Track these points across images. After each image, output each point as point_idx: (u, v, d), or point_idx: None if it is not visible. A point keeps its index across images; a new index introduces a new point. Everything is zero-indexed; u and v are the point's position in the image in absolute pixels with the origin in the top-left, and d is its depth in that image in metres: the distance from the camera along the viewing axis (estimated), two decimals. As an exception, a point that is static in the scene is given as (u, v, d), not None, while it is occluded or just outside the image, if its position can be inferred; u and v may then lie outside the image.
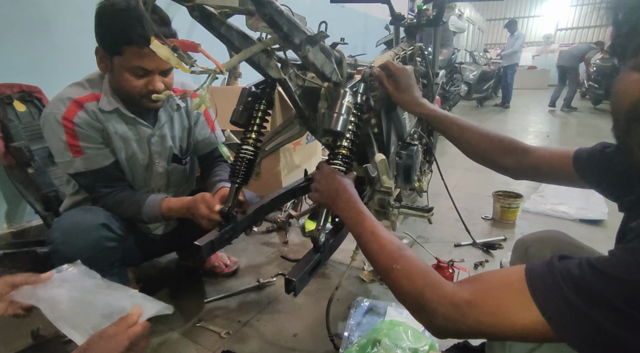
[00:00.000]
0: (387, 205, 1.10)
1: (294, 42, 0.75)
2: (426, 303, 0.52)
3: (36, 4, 1.62)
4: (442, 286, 0.53)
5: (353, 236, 0.70)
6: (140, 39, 0.92)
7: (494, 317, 0.48)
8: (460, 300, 0.50)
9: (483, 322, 0.48)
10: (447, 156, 2.92)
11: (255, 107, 1.05)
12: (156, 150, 1.17)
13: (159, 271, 1.57)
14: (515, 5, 14.74)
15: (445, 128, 0.91)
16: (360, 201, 0.74)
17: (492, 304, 0.48)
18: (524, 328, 0.46)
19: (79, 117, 1.01)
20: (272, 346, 1.15)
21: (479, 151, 0.88)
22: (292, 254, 1.69)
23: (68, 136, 1.01)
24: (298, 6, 0.78)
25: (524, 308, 0.46)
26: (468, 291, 0.51)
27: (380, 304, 1.23)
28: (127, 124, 1.10)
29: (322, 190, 0.79)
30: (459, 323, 0.50)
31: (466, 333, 0.51)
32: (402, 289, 0.56)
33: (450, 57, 4.76)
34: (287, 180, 2.18)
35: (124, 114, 1.08)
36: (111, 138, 1.08)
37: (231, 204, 1.03)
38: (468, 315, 0.49)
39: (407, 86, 0.94)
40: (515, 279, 0.49)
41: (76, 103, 1.02)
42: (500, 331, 0.48)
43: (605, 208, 2.06)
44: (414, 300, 0.54)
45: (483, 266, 1.58)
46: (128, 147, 1.12)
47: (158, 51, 0.63)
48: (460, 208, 1.77)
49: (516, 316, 0.46)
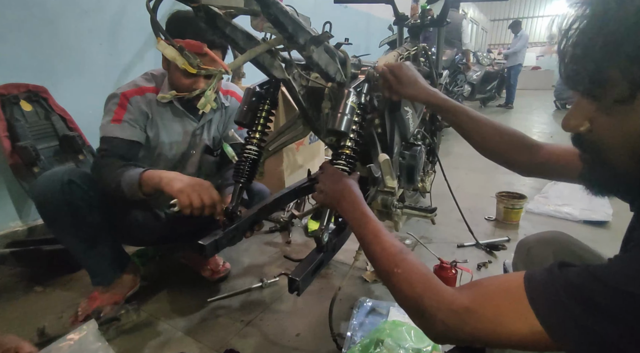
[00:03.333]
0: (390, 205, 1.10)
1: (299, 42, 0.75)
2: (425, 309, 0.52)
3: (41, 4, 1.63)
4: (441, 292, 0.52)
5: (356, 237, 0.70)
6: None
7: (491, 325, 0.47)
8: (459, 306, 0.50)
9: (481, 329, 0.48)
10: (451, 157, 2.92)
11: (259, 107, 1.05)
12: (196, 142, 1.32)
13: (163, 270, 1.58)
14: (520, 6, 14.68)
15: (457, 119, 0.88)
16: (365, 202, 0.74)
17: (490, 312, 0.48)
18: (521, 337, 0.46)
19: (135, 99, 1.17)
20: (274, 345, 1.16)
21: (489, 145, 0.86)
22: (295, 254, 1.69)
23: (118, 107, 1.15)
24: (302, 6, 0.78)
25: (521, 317, 0.46)
26: (467, 297, 0.50)
27: (382, 304, 1.23)
28: (176, 116, 1.25)
29: (327, 191, 0.79)
30: (457, 329, 0.49)
31: (464, 340, 0.51)
32: (402, 293, 0.56)
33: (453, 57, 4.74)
34: (290, 180, 2.18)
35: (176, 107, 1.23)
36: (158, 126, 1.23)
37: (235, 203, 1.04)
38: (466, 322, 0.49)
39: (411, 79, 0.92)
40: (514, 286, 0.48)
41: (140, 89, 1.19)
42: (498, 339, 0.48)
43: (609, 210, 2.05)
44: (413, 304, 0.54)
45: (486, 267, 1.58)
46: (172, 136, 1.26)
47: (164, 51, 0.64)
48: (463, 209, 1.77)
49: (514, 324, 0.46)
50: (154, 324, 1.24)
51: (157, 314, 1.29)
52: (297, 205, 2.04)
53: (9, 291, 1.40)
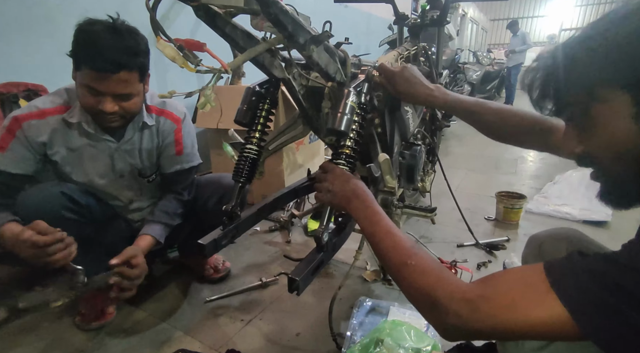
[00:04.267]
0: (390, 205, 1.10)
1: (299, 41, 0.75)
2: (438, 299, 0.51)
3: (41, 3, 1.63)
4: (455, 282, 0.52)
5: (365, 234, 0.70)
6: (94, 63, 0.93)
7: (508, 312, 0.46)
8: (473, 295, 0.49)
9: (497, 317, 0.47)
10: (450, 157, 2.92)
11: (259, 106, 1.05)
12: (119, 165, 1.17)
13: (162, 269, 1.58)
14: (519, 6, 14.69)
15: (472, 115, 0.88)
16: (376, 201, 0.75)
17: (507, 298, 0.47)
18: (540, 324, 0.44)
19: (29, 124, 1.02)
20: (274, 345, 1.16)
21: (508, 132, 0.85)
22: (295, 253, 1.69)
23: (5, 132, 1.01)
24: (302, 6, 0.78)
25: (541, 302, 0.45)
26: (482, 287, 0.50)
27: (382, 304, 1.23)
28: (89, 138, 1.10)
29: (336, 191, 0.78)
30: (471, 320, 0.48)
31: (478, 332, 0.49)
32: (415, 284, 0.55)
33: (453, 57, 4.74)
34: (289, 180, 2.18)
35: (84, 129, 1.08)
36: (66, 153, 1.08)
37: (234, 203, 1.04)
38: (481, 310, 0.47)
39: (412, 83, 0.92)
40: (530, 274, 0.48)
41: (40, 112, 1.03)
42: (515, 327, 0.46)
43: (609, 210, 2.04)
44: (425, 296, 0.53)
45: (486, 267, 1.58)
46: (86, 162, 1.12)
47: (164, 50, 0.64)
48: (463, 209, 1.77)
49: (533, 311, 0.45)
50: (153, 323, 1.24)
51: (156, 313, 1.29)
52: (297, 205, 2.04)
53: (9, 291, 1.40)
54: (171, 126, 1.22)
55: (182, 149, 1.25)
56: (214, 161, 2.36)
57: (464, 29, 10.24)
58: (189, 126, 1.27)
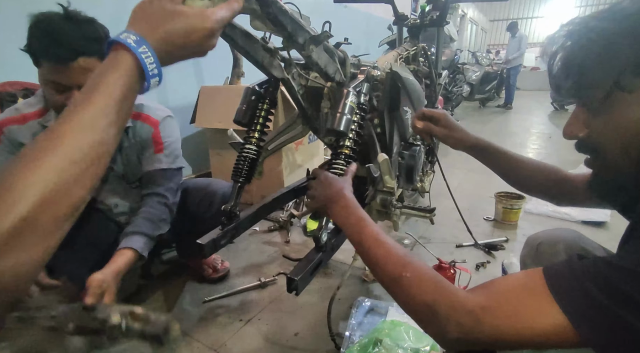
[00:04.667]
0: (389, 205, 1.10)
1: (298, 41, 0.75)
2: (438, 312, 0.49)
3: (37, 2, 1.63)
4: (454, 293, 0.50)
5: (352, 242, 0.65)
6: (51, 53, 0.89)
7: (510, 322, 0.45)
8: (474, 305, 0.47)
9: (500, 327, 0.45)
10: (449, 157, 2.92)
11: (259, 106, 1.05)
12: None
13: (161, 269, 1.58)
14: (519, 6, 14.71)
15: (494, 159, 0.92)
16: (359, 206, 0.70)
17: (509, 307, 0.46)
18: (543, 332, 0.44)
19: (10, 129, 1.01)
20: (273, 345, 1.16)
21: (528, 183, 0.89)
22: (294, 253, 1.69)
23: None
24: (301, 6, 0.78)
25: (543, 310, 0.44)
26: (482, 296, 0.48)
27: (381, 304, 1.23)
28: None
29: (317, 196, 0.77)
30: (474, 331, 0.46)
31: (482, 343, 0.48)
32: (412, 298, 0.52)
33: (453, 57, 4.75)
34: (289, 180, 2.18)
35: None
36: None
37: (234, 203, 1.04)
38: (483, 321, 0.46)
39: (453, 125, 0.94)
40: (531, 281, 0.47)
41: (21, 117, 1.02)
42: (518, 336, 0.45)
43: (607, 211, 2.05)
44: (425, 309, 0.51)
45: (485, 267, 1.58)
46: None
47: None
48: (462, 209, 1.76)
49: (535, 319, 0.44)
50: (152, 323, 1.24)
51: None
52: (296, 205, 2.04)
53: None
54: (148, 129, 1.18)
55: (162, 149, 1.21)
56: (213, 161, 2.36)
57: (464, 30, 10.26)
58: (170, 127, 1.22)
